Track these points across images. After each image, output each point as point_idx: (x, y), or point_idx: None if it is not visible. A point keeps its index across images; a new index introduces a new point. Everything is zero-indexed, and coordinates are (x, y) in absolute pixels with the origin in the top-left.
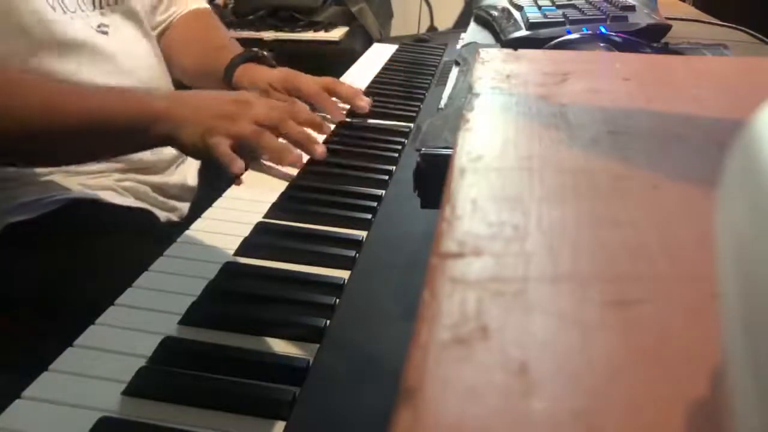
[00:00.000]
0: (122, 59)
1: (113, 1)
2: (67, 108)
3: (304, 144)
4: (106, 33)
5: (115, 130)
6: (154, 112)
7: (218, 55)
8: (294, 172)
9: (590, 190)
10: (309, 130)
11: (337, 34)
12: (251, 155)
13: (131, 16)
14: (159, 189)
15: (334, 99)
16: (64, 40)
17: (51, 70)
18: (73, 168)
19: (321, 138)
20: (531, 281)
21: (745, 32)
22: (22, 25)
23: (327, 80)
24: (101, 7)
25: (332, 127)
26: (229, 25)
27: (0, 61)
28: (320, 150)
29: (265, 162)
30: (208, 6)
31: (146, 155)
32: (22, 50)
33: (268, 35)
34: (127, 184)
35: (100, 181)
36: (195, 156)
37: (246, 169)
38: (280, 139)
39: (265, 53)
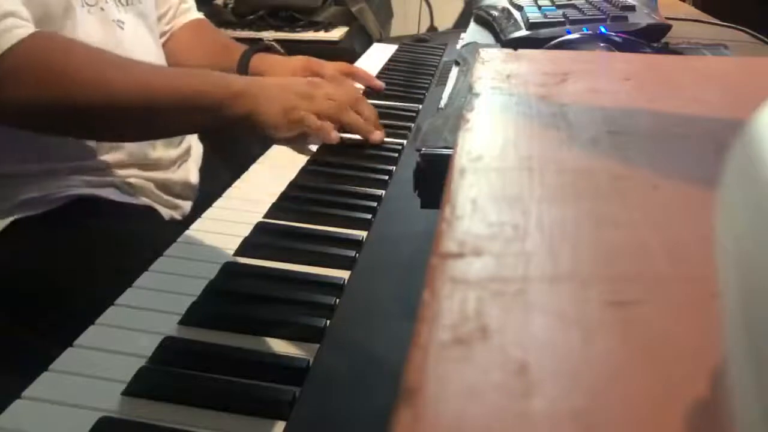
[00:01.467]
0: (139, 55)
1: (130, 1)
2: (160, 85)
3: (372, 124)
4: (122, 29)
5: (199, 108)
6: (234, 92)
7: (227, 52)
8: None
9: (590, 190)
10: None
11: (337, 34)
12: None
13: (144, 17)
14: (163, 186)
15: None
16: (87, 31)
17: None
18: (77, 165)
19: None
20: (531, 281)
21: (745, 32)
22: (48, 15)
23: (344, 65)
24: (119, 4)
25: None
26: (229, 25)
27: None
28: (382, 136)
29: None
30: (205, 18)
31: (151, 152)
32: None
33: (268, 35)
34: (131, 180)
35: (105, 179)
36: (274, 130)
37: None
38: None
39: (273, 43)
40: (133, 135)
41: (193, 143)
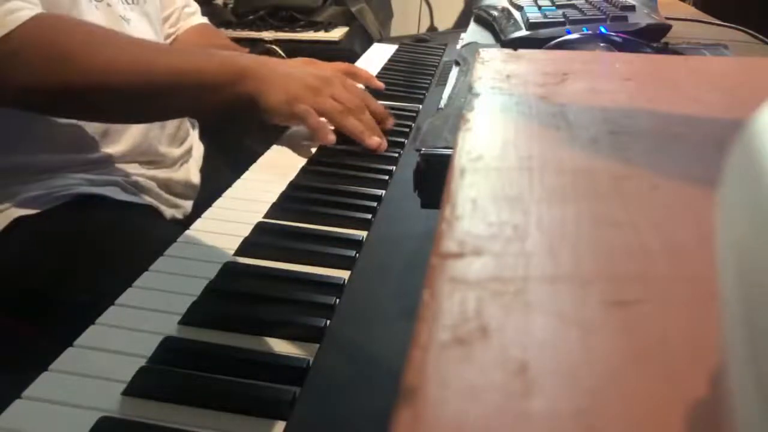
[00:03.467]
0: None
1: (134, 0)
2: (163, 63)
3: (372, 131)
4: (128, 25)
5: (202, 85)
6: (241, 69)
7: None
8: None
9: (590, 190)
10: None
11: (337, 34)
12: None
13: (148, 17)
14: (164, 185)
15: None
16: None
17: None
18: (81, 158)
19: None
20: (531, 281)
21: (745, 32)
22: (55, 8)
23: (344, 65)
24: (124, 3)
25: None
26: (229, 25)
27: None
28: (384, 145)
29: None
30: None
31: (158, 145)
32: None
33: (268, 35)
34: (133, 179)
35: (107, 177)
36: (274, 117)
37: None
38: None
39: (274, 46)
40: (136, 115)
41: (195, 143)
